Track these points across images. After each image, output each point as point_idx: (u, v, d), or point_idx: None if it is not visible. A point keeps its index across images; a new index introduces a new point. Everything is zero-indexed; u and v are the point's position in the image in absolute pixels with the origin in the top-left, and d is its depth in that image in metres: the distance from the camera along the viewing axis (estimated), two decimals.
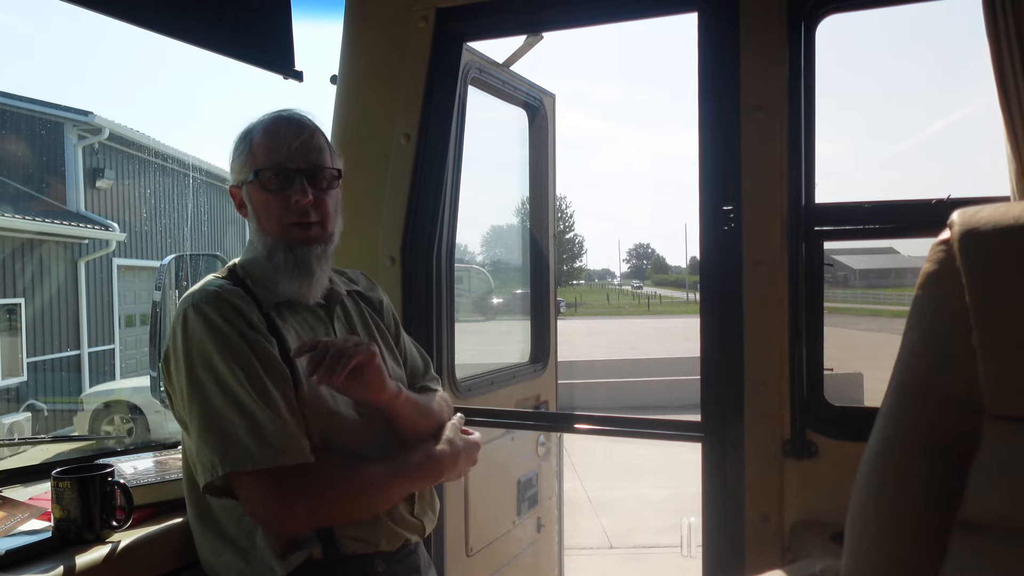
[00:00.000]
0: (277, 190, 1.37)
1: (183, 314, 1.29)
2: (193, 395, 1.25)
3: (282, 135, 1.37)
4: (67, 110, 12.85)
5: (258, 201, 1.39)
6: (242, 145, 1.41)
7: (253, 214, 1.41)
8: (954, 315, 1.08)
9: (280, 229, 1.38)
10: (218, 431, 1.22)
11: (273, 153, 1.36)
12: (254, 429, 1.21)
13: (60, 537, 1.27)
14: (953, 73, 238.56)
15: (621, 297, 70.32)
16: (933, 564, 1.09)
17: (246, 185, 1.40)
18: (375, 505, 1.33)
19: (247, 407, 1.22)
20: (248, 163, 1.39)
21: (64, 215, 12.64)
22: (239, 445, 1.20)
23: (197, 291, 1.33)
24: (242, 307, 1.30)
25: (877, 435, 1.17)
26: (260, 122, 1.41)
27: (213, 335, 1.26)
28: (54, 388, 12.27)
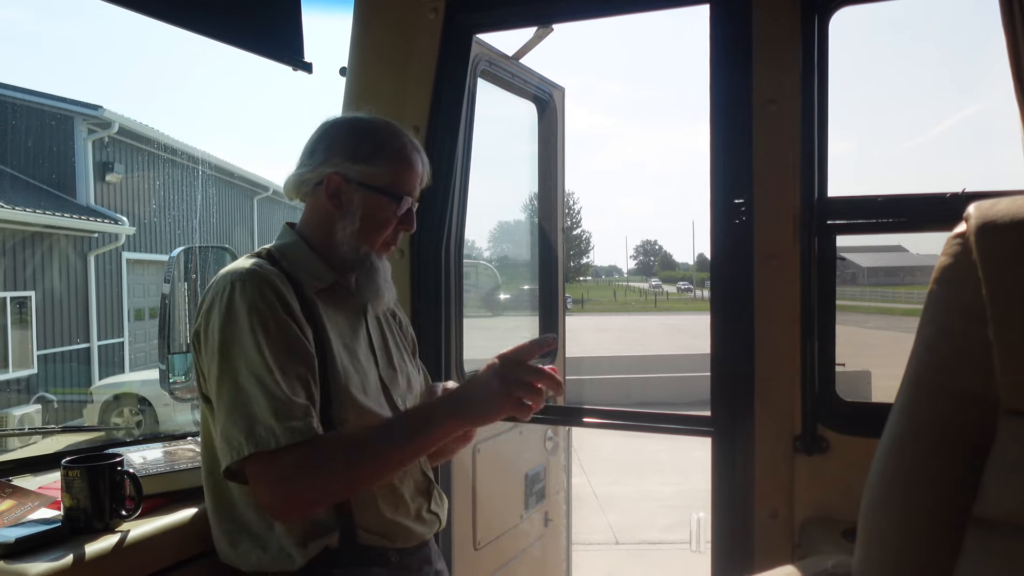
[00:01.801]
0: (395, 215, 1.43)
1: (224, 291, 1.28)
2: (224, 372, 1.25)
3: (419, 169, 1.45)
4: (77, 104, 12.91)
5: (374, 214, 1.41)
6: (370, 148, 1.40)
7: (357, 217, 1.40)
8: (969, 309, 1.07)
9: (380, 245, 1.45)
10: (243, 409, 1.22)
11: (409, 182, 1.43)
12: (278, 408, 1.21)
13: (70, 526, 1.28)
14: (967, 67, 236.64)
15: (628, 294, 70.25)
16: (946, 561, 1.08)
17: (364, 188, 1.40)
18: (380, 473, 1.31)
19: (268, 382, 1.22)
20: (380, 175, 1.40)
21: (74, 209, 12.71)
22: (266, 426, 1.20)
23: (237, 269, 1.32)
24: (281, 289, 1.30)
25: (890, 431, 1.16)
26: (394, 137, 1.43)
27: (250, 314, 1.25)
28: (64, 380, 12.35)
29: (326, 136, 1.43)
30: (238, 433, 1.21)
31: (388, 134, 1.44)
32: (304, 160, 1.44)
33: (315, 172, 1.41)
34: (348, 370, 1.37)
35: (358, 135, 1.42)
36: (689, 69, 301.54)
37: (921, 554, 1.10)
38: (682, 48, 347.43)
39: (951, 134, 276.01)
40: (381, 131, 1.44)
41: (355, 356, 1.42)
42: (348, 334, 1.43)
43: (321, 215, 1.43)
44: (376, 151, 1.40)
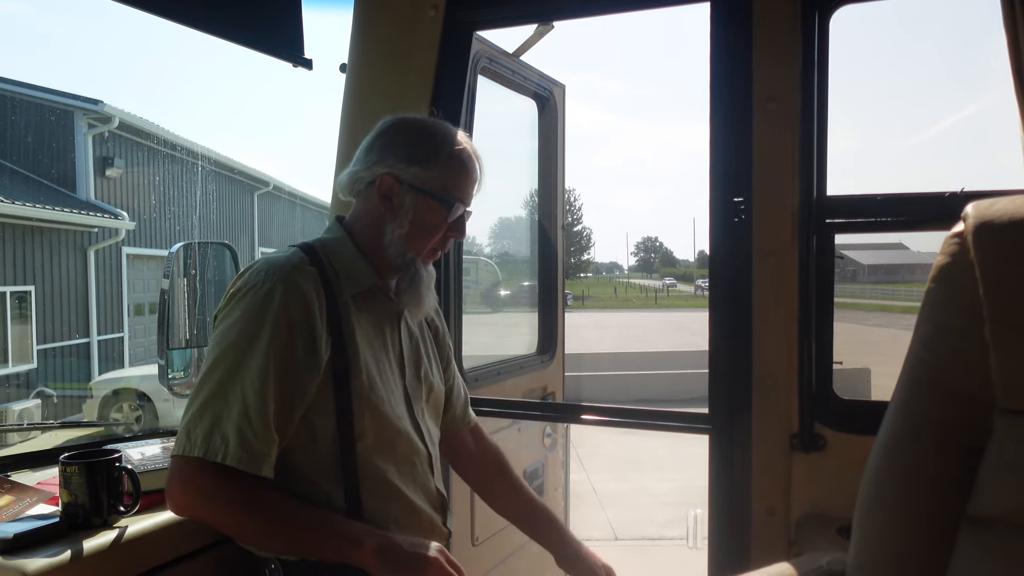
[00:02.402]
0: (445, 221, 1.40)
1: (257, 286, 1.27)
2: (217, 365, 1.25)
3: (475, 176, 1.43)
4: (77, 99, 12.89)
5: (425, 219, 1.39)
6: (427, 151, 1.38)
7: (407, 220, 1.38)
8: (967, 308, 1.07)
9: (428, 251, 1.43)
10: (214, 413, 1.22)
11: (463, 188, 1.41)
12: (243, 429, 1.21)
13: (68, 521, 1.28)
14: (967, 66, 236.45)
15: (629, 290, 70.26)
16: (941, 559, 1.08)
17: (417, 191, 1.37)
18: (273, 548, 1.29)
19: (250, 403, 1.22)
20: (435, 179, 1.37)
21: (74, 203, 12.70)
22: (223, 436, 1.20)
23: (276, 265, 1.30)
24: (311, 300, 1.28)
25: (886, 429, 1.17)
26: (453, 143, 1.40)
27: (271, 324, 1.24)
28: (63, 375, 12.36)
29: (383, 135, 1.41)
30: (197, 431, 1.21)
31: (446, 138, 1.41)
32: (360, 158, 1.42)
33: (369, 171, 1.39)
34: (373, 379, 1.36)
35: (415, 136, 1.40)
36: (690, 66, 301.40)
37: (916, 551, 1.11)
38: (682, 46, 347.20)
39: (950, 133, 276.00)
40: (440, 134, 1.41)
41: (382, 365, 1.40)
42: (378, 341, 1.41)
43: (371, 215, 1.41)
44: (433, 154, 1.38)
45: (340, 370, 1.32)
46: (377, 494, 1.35)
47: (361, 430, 1.33)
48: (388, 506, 1.36)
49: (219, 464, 1.20)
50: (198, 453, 1.20)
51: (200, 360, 2.23)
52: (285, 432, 1.27)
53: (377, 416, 1.35)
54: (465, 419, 1.72)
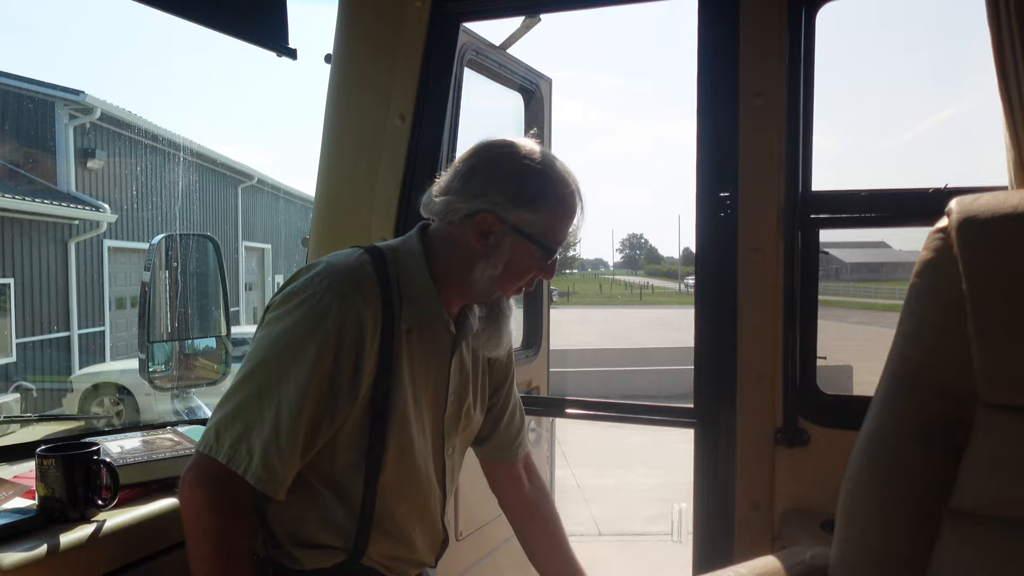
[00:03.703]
0: (539, 265, 1.32)
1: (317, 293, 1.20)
2: (257, 373, 1.19)
3: (577, 218, 1.34)
4: (58, 89, 12.72)
5: (520, 263, 1.30)
6: (534, 191, 1.27)
7: (501, 262, 1.28)
8: (950, 303, 1.08)
9: (516, 291, 1.36)
10: (246, 421, 1.17)
11: (564, 233, 1.32)
12: (269, 448, 1.16)
13: (44, 516, 1.26)
14: (952, 66, 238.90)
15: (614, 287, 70.48)
16: (923, 552, 1.09)
17: (517, 233, 1.27)
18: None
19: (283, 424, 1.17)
20: (536, 217, 1.27)
21: (54, 195, 12.54)
22: (249, 449, 1.16)
23: (340, 276, 1.22)
24: (366, 322, 1.21)
25: (870, 423, 1.17)
26: (561, 185, 1.30)
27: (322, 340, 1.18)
28: (43, 369, 12.22)
29: (487, 166, 1.29)
30: (226, 436, 1.17)
31: (555, 178, 1.30)
32: (457, 185, 1.29)
33: (469, 204, 1.27)
34: (408, 418, 1.30)
35: (523, 172, 1.28)
36: (676, 62, 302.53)
37: (898, 545, 1.11)
38: (669, 41, 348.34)
39: (936, 131, 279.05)
40: (548, 173, 1.29)
41: (420, 401, 1.33)
42: (423, 373, 1.33)
43: (461, 249, 1.30)
44: (539, 196, 1.27)
45: (379, 400, 1.25)
46: (384, 531, 1.32)
47: (386, 465, 1.28)
48: (392, 546, 1.34)
49: (237, 475, 1.16)
50: (222, 459, 1.17)
51: (181, 353, 2.21)
52: (307, 455, 1.22)
53: (405, 455, 1.30)
54: (515, 449, 1.62)
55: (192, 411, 2.49)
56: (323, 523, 1.29)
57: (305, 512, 1.28)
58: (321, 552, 1.28)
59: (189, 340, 2.26)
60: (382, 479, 1.28)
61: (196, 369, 2.22)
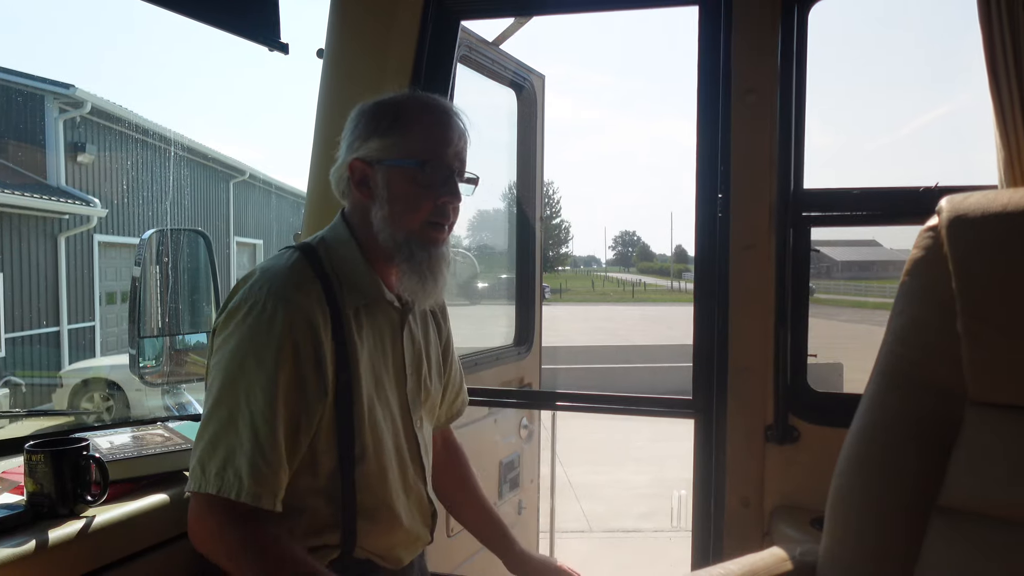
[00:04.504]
0: (430, 186, 1.26)
1: (256, 306, 1.19)
2: (224, 397, 1.18)
3: (451, 130, 1.28)
4: (48, 82, 12.61)
5: (402, 190, 1.26)
6: (389, 121, 1.26)
7: (385, 200, 1.26)
8: (940, 302, 1.08)
9: (419, 226, 1.28)
10: (227, 446, 1.16)
11: (439, 146, 1.26)
12: (256, 462, 1.16)
13: (33, 511, 1.25)
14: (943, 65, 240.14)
15: (606, 284, 70.58)
16: (911, 549, 1.10)
17: (385, 166, 1.26)
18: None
19: (261, 435, 1.16)
20: (399, 144, 1.25)
21: (44, 189, 12.44)
22: (236, 471, 1.16)
23: (276, 283, 1.21)
24: (317, 321, 1.21)
25: (859, 421, 1.18)
26: (417, 104, 1.29)
27: (275, 350, 1.18)
28: (33, 364, 12.13)
29: (348, 124, 1.32)
30: (211, 466, 1.16)
31: (405, 100, 1.29)
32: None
33: (343, 165, 1.30)
34: (372, 399, 1.30)
35: (374, 112, 1.29)
36: (671, 60, 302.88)
37: (886, 542, 1.12)
38: (663, 39, 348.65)
39: (927, 130, 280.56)
40: (397, 99, 1.29)
41: (380, 380, 1.33)
42: (379, 353, 1.34)
43: (358, 209, 1.31)
44: (392, 121, 1.26)
45: (342, 389, 1.25)
46: (372, 520, 1.31)
47: (361, 452, 1.28)
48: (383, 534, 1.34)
49: (232, 501, 1.15)
50: (212, 490, 1.16)
51: (172, 349, 2.20)
52: (293, 461, 1.22)
53: (377, 437, 1.30)
54: (454, 414, 1.65)
55: (183, 407, 2.48)
56: (311, 528, 1.28)
57: (293, 523, 1.27)
58: (313, 555, 1.26)
59: (180, 336, 2.25)
60: (360, 469, 1.28)
61: (187, 365, 2.21)
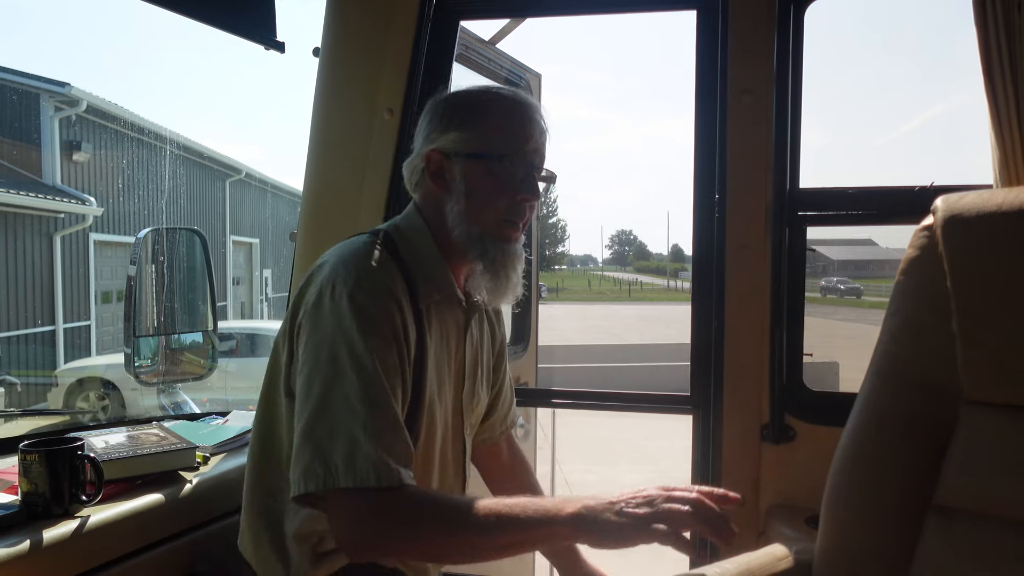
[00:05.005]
0: (508, 181, 1.21)
1: (340, 287, 1.12)
2: (334, 379, 1.08)
3: (532, 125, 1.23)
4: (44, 81, 12.58)
5: (479, 184, 1.21)
6: (468, 113, 1.22)
7: (461, 193, 1.22)
8: (935, 301, 1.08)
9: (494, 222, 1.23)
10: (349, 431, 1.06)
11: (515, 140, 1.22)
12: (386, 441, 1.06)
13: (27, 511, 1.24)
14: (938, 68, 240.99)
15: (603, 283, 70.66)
16: (906, 548, 1.10)
17: (463, 158, 1.22)
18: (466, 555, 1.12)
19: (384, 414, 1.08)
20: (478, 137, 1.21)
21: (39, 188, 12.40)
22: (366, 454, 1.05)
23: (357, 263, 1.15)
24: (401, 301, 1.15)
25: (854, 420, 1.18)
26: (498, 97, 1.24)
27: (369, 326, 1.10)
28: (28, 363, 12.10)
29: (425, 115, 1.28)
30: (336, 456, 1.05)
31: (484, 92, 1.25)
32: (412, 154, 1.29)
33: (418, 156, 1.26)
34: (434, 399, 1.24)
35: (454, 103, 1.25)
36: (669, 60, 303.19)
37: (881, 541, 1.12)
38: (661, 39, 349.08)
39: (922, 130, 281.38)
40: (477, 92, 1.25)
41: (443, 380, 1.28)
42: (444, 352, 1.27)
43: (433, 203, 1.26)
44: (473, 113, 1.22)
45: (414, 384, 1.18)
46: None
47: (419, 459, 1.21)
48: None
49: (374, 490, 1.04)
50: (345, 483, 1.04)
51: (168, 348, 2.20)
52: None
53: (429, 439, 1.24)
54: (503, 428, 1.57)
55: (178, 406, 2.47)
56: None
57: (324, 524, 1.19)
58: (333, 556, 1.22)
59: (175, 335, 2.25)
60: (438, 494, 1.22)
61: (182, 364, 2.21)
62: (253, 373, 8.39)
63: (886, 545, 1.12)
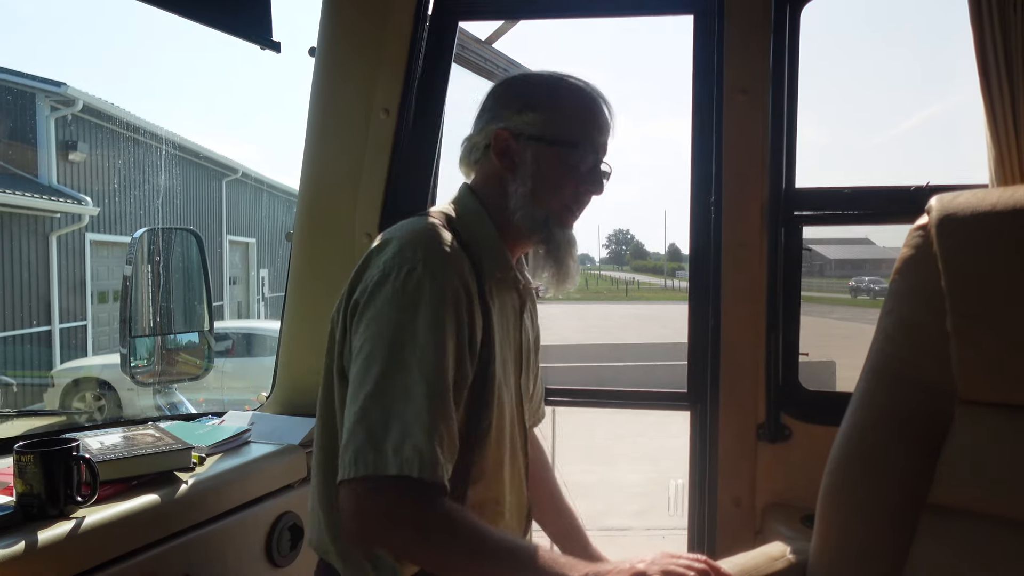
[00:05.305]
0: (576, 170, 1.21)
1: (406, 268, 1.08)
2: (392, 364, 1.04)
3: (603, 118, 1.24)
4: (39, 80, 12.54)
5: (549, 169, 1.20)
6: (545, 96, 1.21)
7: (528, 175, 1.20)
8: (929, 300, 1.09)
9: (560, 208, 1.23)
10: (402, 421, 1.02)
11: (589, 132, 1.22)
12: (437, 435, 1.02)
13: (23, 512, 1.24)
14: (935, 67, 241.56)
15: (600, 283, 70.69)
16: (901, 546, 1.10)
17: (537, 142, 1.19)
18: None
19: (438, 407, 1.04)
20: (554, 122, 1.20)
21: (35, 187, 12.37)
22: (415, 443, 1.01)
23: (422, 242, 1.11)
24: (469, 284, 1.12)
25: (849, 419, 1.18)
26: (574, 85, 1.23)
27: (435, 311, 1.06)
28: (24, 363, 12.07)
29: (493, 94, 1.26)
30: (388, 445, 1.01)
31: (562, 79, 1.24)
32: (473, 126, 1.27)
33: (482, 134, 1.24)
34: (501, 382, 1.21)
35: (527, 85, 1.24)
36: (665, 59, 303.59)
37: (876, 539, 1.12)
38: (658, 39, 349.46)
39: (918, 129, 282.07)
40: (554, 77, 1.25)
41: (507, 364, 1.24)
42: (505, 336, 1.24)
43: (493, 181, 1.24)
44: (549, 98, 1.21)
45: (483, 366, 1.15)
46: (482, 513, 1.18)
47: (485, 441, 1.17)
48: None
49: (412, 480, 1.00)
50: (392, 470, 1.00)
51: (164, 348, 2.19)
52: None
53: (500, 424, 1.20)
54: (534, 420, 1.52)
55: (174, 406, 2.47)
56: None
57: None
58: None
59: (171, 335, 2.24)
60: (479, 457, 1.18)
61: (178, 364, 2.20)
62: (249, 373, 8.39)
63: (881, 544, 1.13)
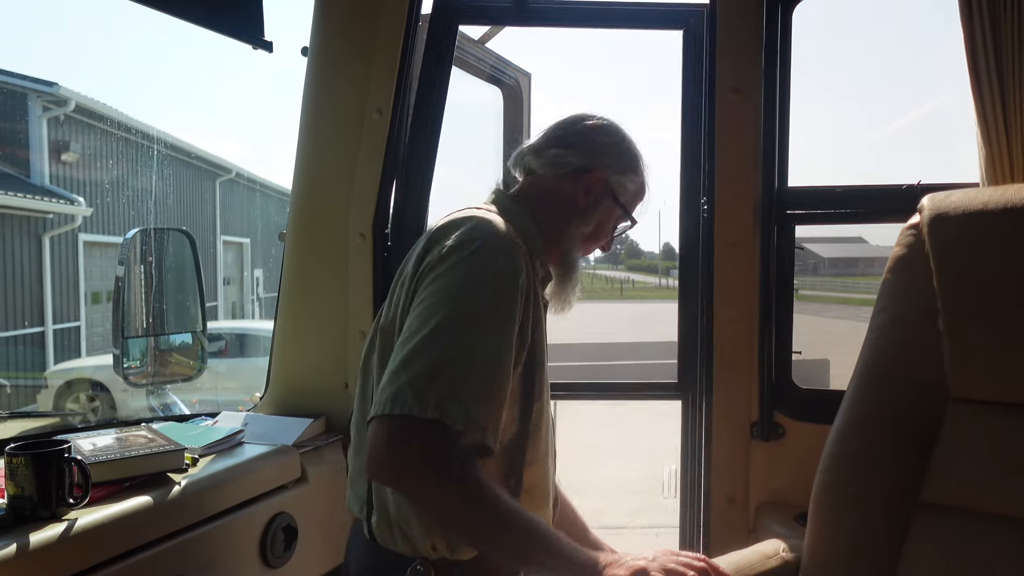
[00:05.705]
0: (614, 230, 1.41)
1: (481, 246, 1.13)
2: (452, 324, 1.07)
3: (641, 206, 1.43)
4: (31, 80, 12.48)
5: (605, 224, 1.38)
6: (633, 162, 1.37)
7: (591, 219, 1.34)
8: (921, 299, 1.09)
9: (588, 252, 1.42)
10: (453, 376, 1.04)
11: (640, 206, 1.42)
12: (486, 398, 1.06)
13: (14, 514, 1.23)
14: (923, 67, 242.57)
15: (595, 282, 70.77)
16: (893, 544, 1.10)
17: (614, 200, 1.35)
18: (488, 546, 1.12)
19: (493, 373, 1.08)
20: (631, 191, 1.38)
21: (27, 188, 12.31)
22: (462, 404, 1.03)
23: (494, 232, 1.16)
24: (530, 276, 1.20)
25: (842, 417, 1.18)
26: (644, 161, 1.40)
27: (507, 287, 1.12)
28: (16, 365, 12.02)
29: (598, 131, 1.36)
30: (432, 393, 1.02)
31: (643, 161, 1.41)
32: (568, 142, 1.34)
33: (583, 160, 1.33)
34: (544, 364, 1.29)
35: (627, 147, 1.38)
36: (659, 58, 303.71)
37: (869, 538, 1.13)
38: (651, 37, 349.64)
39: (910, 128, 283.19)
40: (640, 156, 1.40)
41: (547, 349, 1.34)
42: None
43: (560, 202, 1.33)
44: (635, 167, 1.37)
45: (533, 349, 1.20)
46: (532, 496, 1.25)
47: (534, 425, 1.22)
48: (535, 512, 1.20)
49: (450, 430, 1.02)
50: (431, 414, 1.01)
51: (157, 349, 2.18)
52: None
53: (543, 413, 1.27)
54: None
55: (167, 407, 2.46)
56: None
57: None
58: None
59: (164, 336, 2.24)
60: (532, 442, 1.23)
61: (171, 365, 2.19)
62: (243, 374, 8.36)
63: (874, 542, 1.13)
